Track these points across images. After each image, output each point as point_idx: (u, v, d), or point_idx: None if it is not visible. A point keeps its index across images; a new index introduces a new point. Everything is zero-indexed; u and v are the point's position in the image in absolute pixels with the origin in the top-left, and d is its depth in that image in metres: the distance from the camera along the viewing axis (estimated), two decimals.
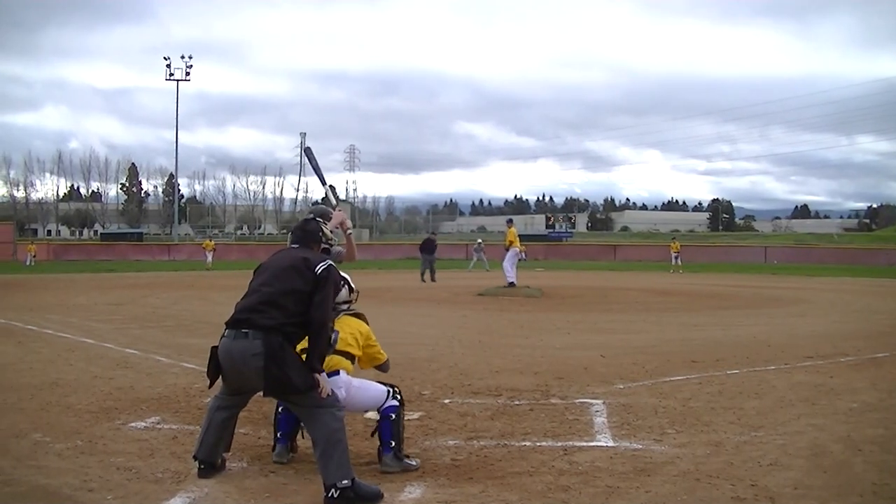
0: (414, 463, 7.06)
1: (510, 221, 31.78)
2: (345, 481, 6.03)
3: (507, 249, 29.16)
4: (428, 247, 39.98)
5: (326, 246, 7.13)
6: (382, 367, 7.64)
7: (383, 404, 7.12)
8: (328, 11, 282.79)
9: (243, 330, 6.29)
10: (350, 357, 7.21)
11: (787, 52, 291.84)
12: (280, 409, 7.36)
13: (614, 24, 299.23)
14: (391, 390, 7.21)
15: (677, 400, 9.88)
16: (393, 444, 7.00)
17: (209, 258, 54.00)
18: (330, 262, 6.62)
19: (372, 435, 7.21)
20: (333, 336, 7.00)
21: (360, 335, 7.36)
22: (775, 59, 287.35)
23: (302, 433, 7.35)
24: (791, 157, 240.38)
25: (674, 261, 54.05)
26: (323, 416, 6.25)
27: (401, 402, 7.21)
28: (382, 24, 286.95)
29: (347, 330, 7.28)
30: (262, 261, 6.95)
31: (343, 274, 7.51)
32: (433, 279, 37.74)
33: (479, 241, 57.61)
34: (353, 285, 7.66)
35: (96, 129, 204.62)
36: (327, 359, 6.85)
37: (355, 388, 7.08)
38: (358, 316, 7.57)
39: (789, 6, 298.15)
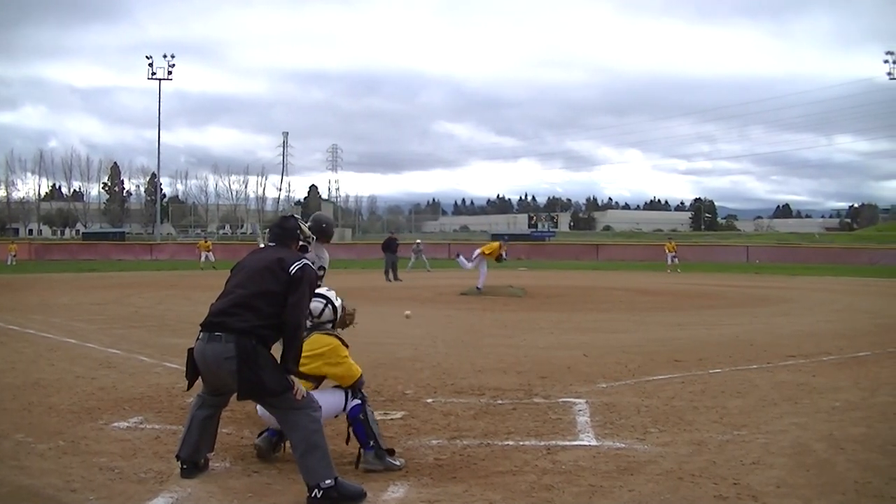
0: (397, 463, 7.03)
1: (505, 241, 31.82)
2: (328, 481, 6.01)
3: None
4: (390, 246, 40.23)
5: (304, 244, 7.04)
6: (356, 384, 7.20)
7: (346, 407, 7.09)
8: (304, 11, 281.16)
9: (216, 333, 6.28)
10: (308, 377, 6.97)
11: (765, 52, 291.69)
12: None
13: (592, 23, 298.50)
14: (348, 391, 7.15)
15: (660, 399, 9.90)
16: (371, 442, 6.99)
17: (205, 257, 53.64)
18: (306, 261, 6.51)
19: (347, 442, 7.17)
20: None
21: (326, 352, 7.14)
22: (753, 59, 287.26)
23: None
24: (771, 157, 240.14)
25: (670, 260, 54.28)
26: (300, 417, 6.22)
27: (363, 397, 7.17)
28: (359, 23, 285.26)
29: (311, 347, 7.03)
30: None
31: (327, 294, 7.60)
32: (396, 278, 37.96)
33: (418, 241, 58.23)
34: (336, 306, 7.60)
35: (76, 128, 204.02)
36: None
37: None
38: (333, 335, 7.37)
39: (766, 6, 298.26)
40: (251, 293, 6.32)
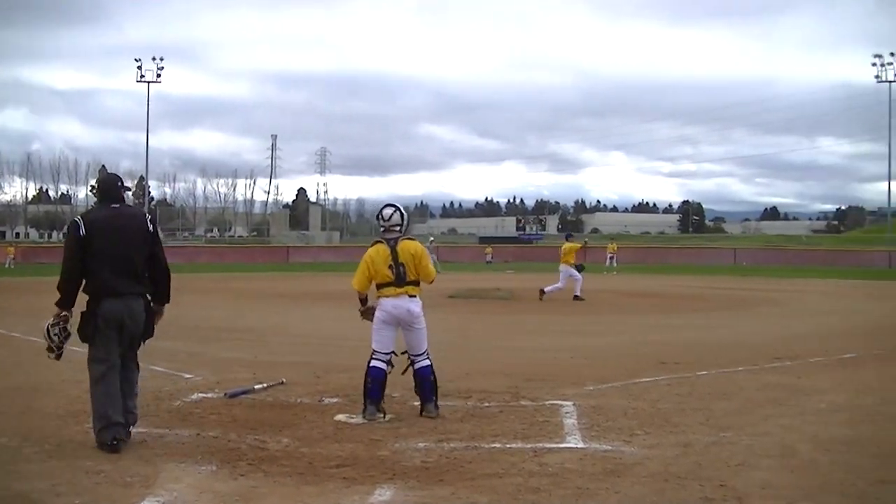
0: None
1: (569, 236, 31.22)
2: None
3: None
4: None
5: (126, 189, 8.34)
6: (428, 282, 9.42)
7: (423, 357, 9.36)
8: (285, 13, 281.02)
9: (135, 295, 7.90)
10: (418, 284, 9.18)
11: (744, 54, 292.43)
12: (370, 380, 9.00)
13: (571, 26, 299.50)
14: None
15: (647, 401, 9.92)
16: (434, 398, 9.18)
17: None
18: (147, 214, 8.26)
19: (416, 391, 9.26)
20: (401, 269, 9.00)
21: (415, 257, 9.08)
22: (733, 61, 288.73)
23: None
24: (756, 160, 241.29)
25: (608, 262, 54.32)
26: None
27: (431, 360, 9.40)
28: (340, 25, 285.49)
29: (407, 257, 9.05)
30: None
31: (395, 203, 9.37)
32: None
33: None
34: (403, 211, 9.35)
35: (59, 130, 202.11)
36: (404, 289, 9.08)
37: (424, 323, 9.38)
38: (412, 240, 9.29)
39: (743, 7, 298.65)
40: (140, 261, 7.88)
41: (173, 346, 13.37)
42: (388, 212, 9.23)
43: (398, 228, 9.21)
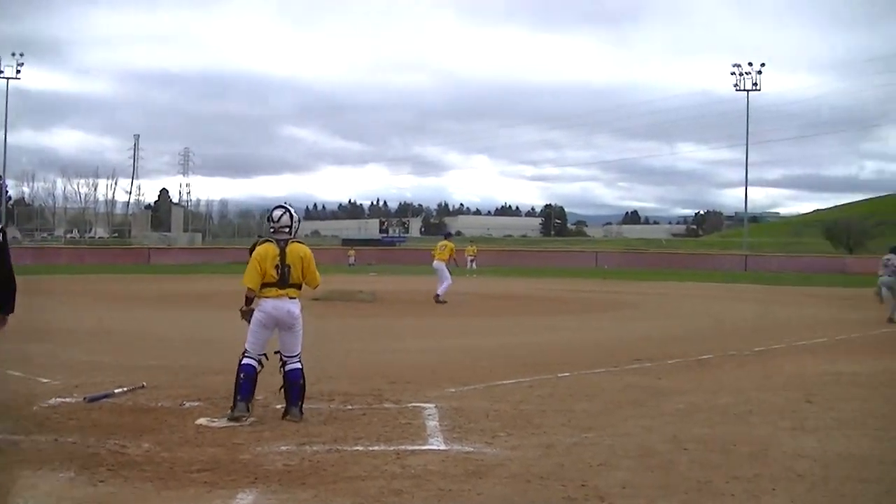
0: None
1: (448, 235, 31.48)
2: None
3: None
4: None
5: None
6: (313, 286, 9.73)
7: (295, 360, 9.35)
8: (149, 12, 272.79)
9: None
10: (300, 287, 9.41)
11: (606, 60, 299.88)
12: (242, 376, 8.93)
13: (436, 29, 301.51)
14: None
15: (509, 403, 9.96)
16: (300, 402, 9.02)
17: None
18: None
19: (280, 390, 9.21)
20: (287, 270, 9.13)
21: (303, 260, 9.27)
22: (596, 67, 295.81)
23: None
24: (618, 164, 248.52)
25: (468, 265, 54.84)
26: None
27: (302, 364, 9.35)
28: (205, 25, 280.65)
29: (295, 259, 9.20)
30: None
31: (285, 205, 9.54)
32: None
33: None
34: (294, 214, 9.47)
35: None
36: (286, 290, 9.23)
37: (302, 326, 9.50)
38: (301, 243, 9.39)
39: (603, 14, 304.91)
40: None
41: (30, 349, 12.95)
42: (277, 213, 9.36)
43: (287, 230, 9.33)
